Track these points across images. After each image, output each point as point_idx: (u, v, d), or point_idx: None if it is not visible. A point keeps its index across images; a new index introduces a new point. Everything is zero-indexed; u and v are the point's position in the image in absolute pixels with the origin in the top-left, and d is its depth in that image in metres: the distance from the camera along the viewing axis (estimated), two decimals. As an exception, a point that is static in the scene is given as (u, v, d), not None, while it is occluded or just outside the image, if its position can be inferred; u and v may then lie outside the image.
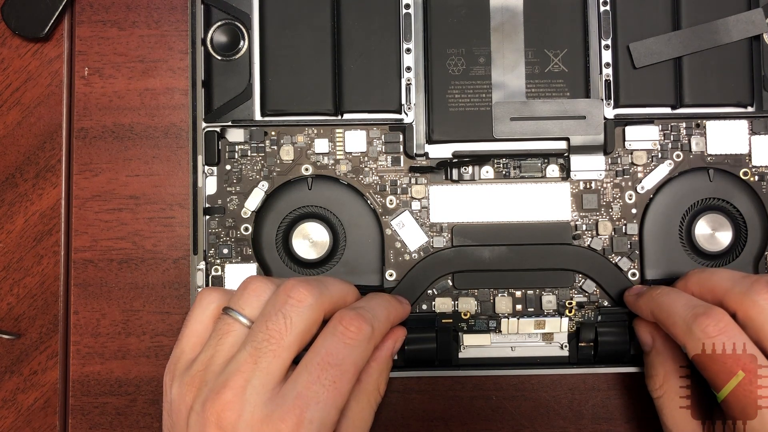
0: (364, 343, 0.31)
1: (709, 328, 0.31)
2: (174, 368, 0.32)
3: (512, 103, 0.39)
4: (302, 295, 0.31)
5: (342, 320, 0.31)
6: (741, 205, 0.39)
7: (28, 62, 0.42)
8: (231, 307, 0.32)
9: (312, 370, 0.30)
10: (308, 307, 0.31)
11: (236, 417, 0.29)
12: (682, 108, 0.40)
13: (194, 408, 0.30)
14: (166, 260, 0.41)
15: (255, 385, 0.30)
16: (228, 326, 0.32)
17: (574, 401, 0.40)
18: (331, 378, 0.30)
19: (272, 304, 0.31)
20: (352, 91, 0.39)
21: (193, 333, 0.33)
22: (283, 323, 0.31)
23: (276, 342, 0.30)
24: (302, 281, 0.32)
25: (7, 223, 0.41)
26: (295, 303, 0.31)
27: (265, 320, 0.31)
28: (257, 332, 0.31)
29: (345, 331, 0.31)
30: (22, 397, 0.40)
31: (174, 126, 0.41)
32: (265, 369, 0.30)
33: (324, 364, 0.30)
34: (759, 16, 0.39)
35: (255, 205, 0.40)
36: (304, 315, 0.31)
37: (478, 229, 0.39)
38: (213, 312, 0.33)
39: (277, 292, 0.32)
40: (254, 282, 0.33)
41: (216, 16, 0.40)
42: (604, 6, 0.40)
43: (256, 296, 0.32)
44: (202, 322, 0.33)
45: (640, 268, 0.39)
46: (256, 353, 0.30)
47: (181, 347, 0.33)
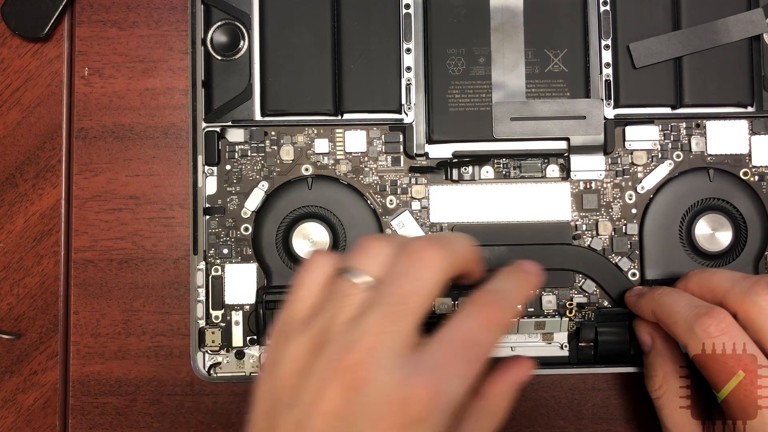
0: (501, 329, 0.30)
1: (711, 328, 0.31)
2: (283, 329, 0.31)
3: (512, 103, 0.39)
4: (432, 257, 0.30)
5: (479, 302, 0.30)
6: (741, 205, 0.39)
7: (28, 62, 0.42)
8: (353, 268, 0.31)
9: (452, 345, 0.29)
10: (439, 270, 0.30)
11: (367, 377, 0.28)
12: (682, 108, 0.40)
13: (314, 366, 0.29)
14: (166, 260, 0.41)
15: (388, 347, 0.29)
16: (350, 287, 0.30)
17: (574, 401, 0.40)
18: (468, 357, 0.29)
19: (401, 265, 0.30)
20: (352, 91, 0.39)
21: (304, 296, 0.31)
22: (415, 286, 0.29)
23: (407, 304, 0.29)
24: (429, 241, 0.31)
25: (7, 223, 0.41)
26: (426, 265, 0.30)
27: (396, 282, 0.30)
28: (387, 294, 0.30)
29: (482, 314, 0.30)
30: (22, 397, 0.40)
31: (174, 126, 0.41)
32: (397, 331, 0.29)
33: (464, 341, 0.29)
34: (759, 16, 0.39)
35: (255, 205, 0.40)
36: (435, 278, 0.30)
37: (478, 229, 0.39)
38: (325, 276, 0.32)
39: (406, 254, 0.30)
40: (375, 242, 0.31)
41: (216, 16, 0.40)
42: (604, 6, 0.40)
43: (379, 257, 0.31)
44: (313, 286, 0.32)
45: (640, 268, 0.39)
46: (387, 315, 0.29)
47: (292, 311, 0.31)
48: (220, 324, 0.39)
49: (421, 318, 0.30)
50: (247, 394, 0.40)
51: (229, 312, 0.39)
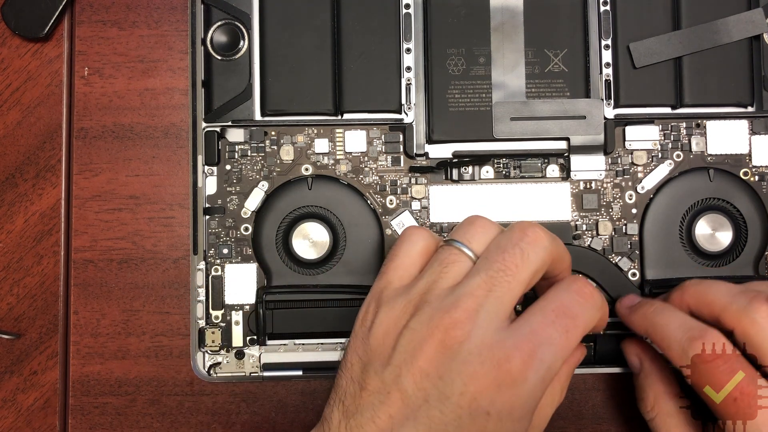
0: (595, 308, 0.31)
1: (705, 354, 0.31)
2: (380, 295, 0.31)
3: (512, 103, 0.39)
4: (539, 236, 0.31)
5: (576, 281, 0.31)
6: (741, 205, 0.39)
7: (28, 62, 0.42)
8: (457, 239, 0.31)
9: (547, 314, 0.30)
10: (544, 248, 0.31)
11: (464, 337, 0.28)
12: (682, 108, 0.40)
13: (410, 326, 0.29)
14: (166, 260, 0.41)
15: (488, 311, 0.29)
16: (454, 256, 0.31)
17: (574, 401, 0.40)
18: (565, 326, 0.29)
19: (507, 238, 0.31)
20: (352, 91, 0.39)
21: (401, 266, 0.32)
22: (521, 257, 0.30)
23: (512, 274, 0.30)
24: (535, 223, 0.31)
25: (7, 223, 0.41)
26: (532, 241, 0.30)
27: (502, 251, 0.30)
28: (493, 261, 0.30)
29: (580, 291, 0.31)
30: (22, 397, 0.40)
31: (174, 126, 0.41)
32: (499, 297, 0.29)
33: (559, 312, 0.30)
34: (759, 16, 0.39)
35: (255, 205, 0.40)
36: (540, 254, 0.30)
37: (478, 229, 0.39)
38: (422, 248, 0.32)
39: (512, 229, 0.31)
40: (480, 219, 0.32)
41: (216, 16, 0.40)
42: (604, 6, 0.40)
43: (483, 232, 0.32)
44: (410, 257, 0.32)
45: (640, 268, 0.39)
46: (491, 281, 0.29)
47: (388, 278, 0.32)
48: (220, 324, 0.39)
49: (521, 293, 0.30)
50: (247, 394, 0.40)
51: (229, 312, 0.39)
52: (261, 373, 0.39)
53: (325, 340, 0.39)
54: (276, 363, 0.39)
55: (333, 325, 0.38)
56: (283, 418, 0.40)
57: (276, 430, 0.40)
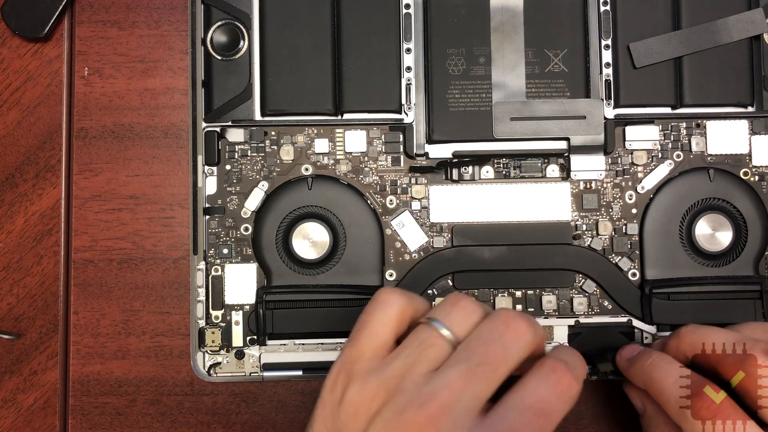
0: (571, 400, 0.30)
1: (702, 412, 0.31)
2: (352, 368, 0.30)
3: (512, 103, 0.39)
4: (522, 330, 0.30)
5: (556, 371, 0.30)
6: (741, 205, 0.39)
7: (28, 62, 0.42)
8: (439, 321, 0.31)
9: (524, 413, 0.29)
10: (526, 343, 0.30)
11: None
12: (682, 108, 0.40)
13: (383, 414, 0.29)
14: (166, 260, 0.41)
15: (464, 406, 0.28)
16: (434, 338, 0.30)
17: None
18: (540, 424, 0.29)
19: (491, 329, 0.30)
20: (352, 91, 0.39)
21: (374, 334, 0.31)
22: (503, 352, 0.29)
23: (492, 369, 0.29)
24: (520, 315, 0.31)
25: (7, 223, 0.41)
26: (516, 336, 0.30)
27: (485, 344, 0.30)
28: (474, 353, 0.29)
29: (558, 383, 0.30)
30: (22, 397, 0.40)
31: (174, 126, 0.41)
32: (476, 393, 0.29)
33: (536, 410, 0.29)
34: (759, 16, 0.39)
35: (255, 205, 0.40)
36: (522, 350, 0.30)
37: (478, 229, 0.39)
38: (396, 314, 0.31)
39: (496, 319, 0.30)
40: (464, 301, 0.31)
41: (216, 16, 0.40)
42: (604, 6, 0.40)
43: (466, 316, 0.31)
44: (384, 325, 0.31)
45: (640, 268, 0.39)
46: (469, 374, 0.29)
47: (360, 348, 0.31)
48: (220, 324, 0.39)
49: (498, 386, 0.29)
50: (247, 394, 0.40)
51: (229, 312, 0.39)
52: (261, 373, 0.39)
53: (325, 340, 0.39)
54: (276, 363, 0.39)
55: (333, 325, 0.38)
56: (283, 418, 0.40)
57: (276, 430, 0.40)
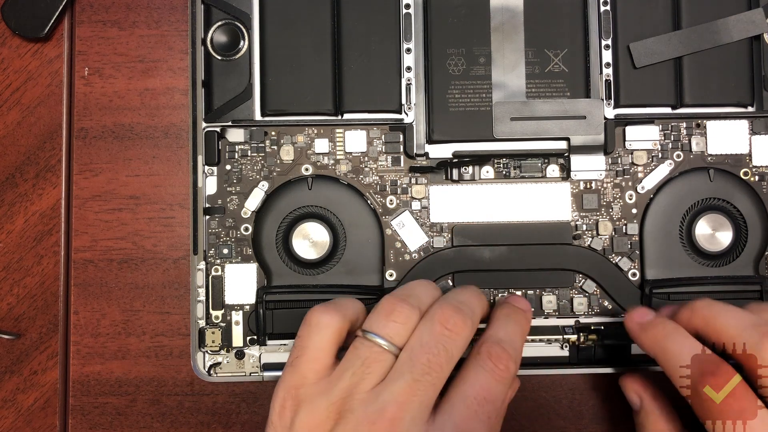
0: (510, 380, 0.31)
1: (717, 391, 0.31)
2: (298, 392, 0.31)
3: (512, 103, 0.39)
4: (459, 327, 0.31)
5: (491, 356, 0.31)
6: (741, 205, 0.39)
7: (28, 62, 0.42)
8: (377, 334, 0.31)
9: (469, 404, 0.30)
10: (465, 338, 0.31)
11: None
12: (682, 108, 0.40)
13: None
14: (166, 260, 0.41)
15: (413, 416, 0.29)
16: (375, 354, 0.31)
17: (574, 401, 0.40)
18: (486, 413, 0.30)
19: (430, 334, 0.31)
20: (352, 91, 0.39)
21: (314, 359, 0.31)
22: (444, 356, 0.30)
23: (436, 375, 0.30)
24: (452, 308, 0.31)
25: (7, 223, 0.41)
26: (453, 336, 0.31)
27: (426, 352, 0.30)
28: (417, 363, 0.30)
29: (495, 369, 0.31)
30: (22, 397, 0.40)
31: (174, 126, 0.41)
32: (424, 400, 0.29)
33: (480, 399, 0.30)
34: (759, 16, 0.39)
35: (255, 205, 0.40)
36: (461, 346, 0.31)
37: (478, 229, 0.39)
38: (332, 335, 0.32)
39: (433, 322, 0.31)
40: (398, 307, 0.32)
41: (216, 16, 0.40)
42: (604, 6, 0.40)
43: (401, 323, 0.31)
44: (322, 349, 0.31)
45: (640, 268, 0.39)
46: (415, 384, 0.29)
47: (302, 372, 0.31)
48: (220, 324, 0.39)
49: (443, 385, 0.30)
50: (247, 394, 0.40)
51: (229, 312, 0.39)
52: (261, 373, 0.39)
53: (325, 340, 0.39)
54: (276, 363, 0.39)
55: (333, 325, 0.38)
56: (283, 418, 0.40)
57: (276, 430, 0.40)
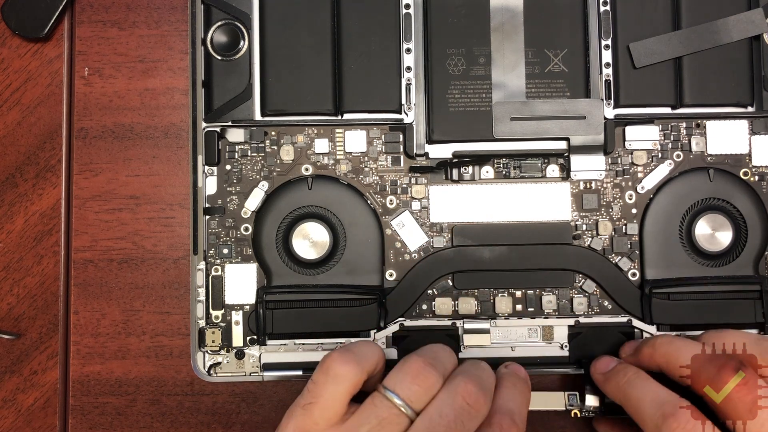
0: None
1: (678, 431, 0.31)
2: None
3: (512, 103, 0.39)
4: (480, 405, 0.32)
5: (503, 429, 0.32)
6: (741, 205, 0.39)
7: (28, 62, 0.42)
8: (397, 394, 0.32)
9: None
10: (482, 416, 0.32)
11: None
12: (682, 108, 0.40)
13: None
14: (166, 260, 0.41)
15: None
16: (393, 416, 0.31)
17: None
18: None
19: (450, 407, 0.31)
20: (352, 91, 0.39)
21: (327, 408, 0.32)
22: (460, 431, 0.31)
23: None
24: (475, 384, 0.32)
25: (7, 223, 0.41)
26: (473, 412, 0.31)
27: (444, 425, 0.31)
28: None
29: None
30: (22, 397, 0.40)
31: (174, 126, 0.41)
32: None
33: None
34: (759, 16, 0.39)
35: (255, 205, 0.40)
36: (477, 424, 0.32)
37: (478, 229, 0.39)
38: (349, 389, 0.32)
39: (455, 395, 0.32)
40: (425, 372, 0.32)
41: (216, 16, 0.40)
42: (604, 6, 0.40)
43: (421, 386, 0.32)
44: (337, 399, 0.32)
45: (640, 268, 0.39)
46: None
47: (314, 418, 0.31)
48: (220, 324, 0.39)
49: None
50: (247, 394, 0.40)
51: (229, 312, 0.39)
52: (261, 373, 0.39)
53: (325, 340, 0.39)
54: (276, 363, 0.39)
55: (333, 325, 0.38)
56: (283, 418, 0.40)
57: (276, 430, 0.40)
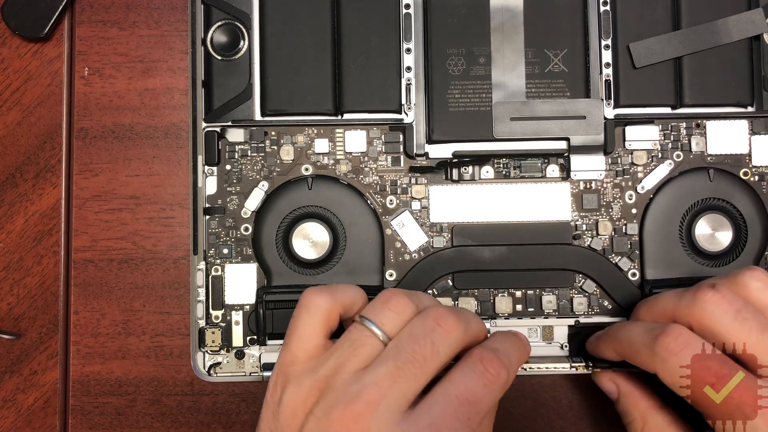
0: (500, 387, 0.31)
1: (671, 345, 0.31)
2: (287, 371, 0.31)
3: (512, 103, 0.39)
4: (451, 326, 0.31)
5: (483, 360, 0.31)
6: (741, 205, 0.39)
7: (28, 62, 0.42)
8: (370, 320, 0.32)
9: (449, 402, 0.30)
10: (455, 340, 0.31)
11: (363, 430, 0.29)
12: (682, 108, 0.40)
13: (314, 413, 0.30)
14: (166, 260, 0.41)
15: (389, 403, 0.29)
16: (365, 337, 0.31)
17: (574, 401, 0.40)
18: (466, 414, 0.30)
19: (421, 327, 0.31)
20: (352, 91, 0.39)
21: (304, 338, 0.32)
22: (431, 350, 0.30)
23: (420, 366, 0.30)
24: (450, 311, 0.32)
25: (7, 223, 0.41)
26: (444, 333, 0.31)
27: (413, 342, 0.30)
28: (402, 351, 0.30)
29: (485, 372, 0.31)
30: (22, 397, 0.41)
31: (174, 126, 0.41)
32: (402, 389, 0.29)
33: (462, 399, 0.30)
34: (759, 16, 0.39)
35: (255, 205, 0.40)
36: (451, 346, 0.31)
37: (478, 229, 0.39)
38: (322, 315, 0.32)
39: (426, 317, 0.31)
40: (395, 298, 0.32)
41: (216, 16, 0.40)
42: (604, 6, 0.40)
43: (397, 314, 0.32)
44: (312, 326, 0.32)
45: (640, 268, 0.39)
46: (397, 372, 0.30)
47: (293, 351, 0.32)
48: (220, 324, 0.39)
49: (427, 382, 0.30)
50: (247, 394, 0.40)
51: (229, 312, 0.39)
52: (261, 373, 0.39)
53: (325, 340, 0.39)
54: (276, 363, 0.39)
55: (333, 325, 0.38)
56: (283, 418, 0.40)
57: (276, 430, 0.40)
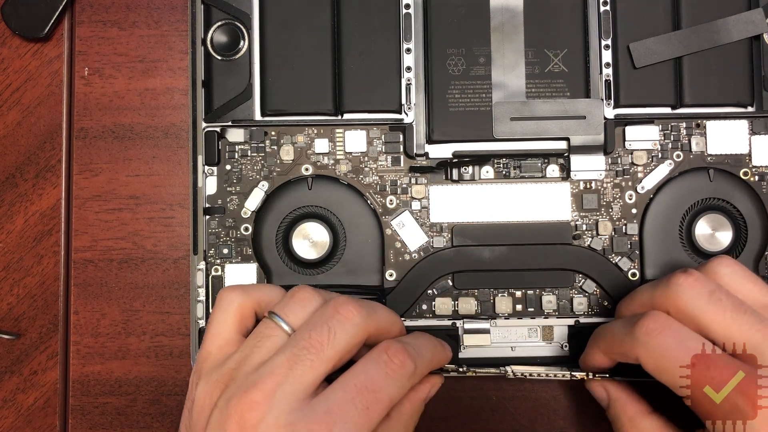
0: (404, 378, 0.31)
1: (651, 326, 0.31)
2: (201, 368, 0.32)
3: (512, 103, 0.39)
4: (351, 313, 0.31)
5: (388, 350, 0.31)
6: (741, 205, 0.39)
7: (28, 62, 0.42)
8: (275, 312, 0.32)
9: (348, 390, 0.30)
10: (354, 326, 0.31)
11: (259, 419, 0.29)
12: (682, 108, 0.40)
13: (218, 405, 0.30)
14: (166, 260, 0.41)
15: (285, 391, 0.29)
16: (269, 330, 0.32)
17: (574, 401, 0.40)
18: (365, 403, 0.30)
19: (319, 315, 0.31)
20: (352, 91, 0.39)
21: (217, 334, 0.33)
22: (327, 336, 0.30)
23: (315, 352, 0.30)
24: (352, 300, 0.32)
25: (7, 223, 0.41)
26: (342, 319, 0.31)
27: (309, 329, 0.31)
28: (299, 339, 0.30)
29: (389, 362, 0.31)
30: (22, 397, 0.41)
31: (174, 126, 0.41)
32: (299, 377, 0.30)
33: (361, 387, 0.30)
34: (759, 16, 0.39)
35: (255, 205, 0.40)
36: (349, 332, 0.31)
37: (478, 229, 0.39)
38: (235, 312, 0.33)
39: (326, 306, 0.32)
40: (302, 292, 0.33)
41: (216, 16, 0.40)
42: (604, 6, 0.40)
43: (302, 306, 0.32)
44: (225, 323, 0.33)
45: (640, 268, 0.39)
46: (293, 359, 0.30)
47: (207, 348, 0.33)
48: (220, 324, 0.39)
49: (330, 368, 0.30)
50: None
51: (229, 312, 0.39)
52: (261, 373, 0.39)
53: (325, 340, 0.39)
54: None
55: (333, 325, 0.38)
56: (283, 418, 0.40)
57: (276, 430, 0.40)
